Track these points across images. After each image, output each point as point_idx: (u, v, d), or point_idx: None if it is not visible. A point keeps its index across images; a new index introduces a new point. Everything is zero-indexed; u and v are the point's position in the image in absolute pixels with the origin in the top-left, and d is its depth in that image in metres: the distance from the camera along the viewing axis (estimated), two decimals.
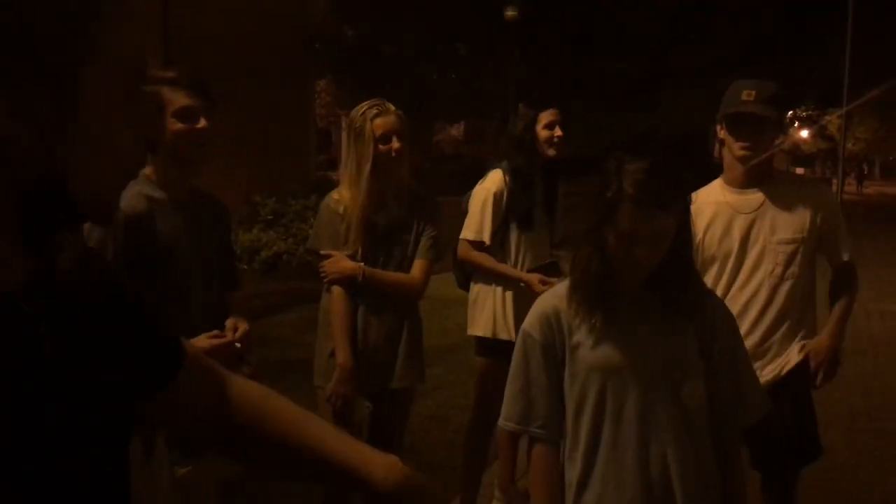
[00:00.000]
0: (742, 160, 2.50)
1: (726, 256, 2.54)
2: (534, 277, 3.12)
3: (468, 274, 3.38)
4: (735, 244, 2.52)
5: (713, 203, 2.57)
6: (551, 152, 3.23)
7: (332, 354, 2.70)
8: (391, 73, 13.55)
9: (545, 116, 3.22)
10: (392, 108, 2.75)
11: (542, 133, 3.22)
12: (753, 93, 2.46)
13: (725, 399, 1.75)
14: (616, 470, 1.71)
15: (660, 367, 1.69)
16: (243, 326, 2.23)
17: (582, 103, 13.05)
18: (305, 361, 2.68)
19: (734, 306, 2.49)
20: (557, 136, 3.21)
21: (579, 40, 13.55)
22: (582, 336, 1.72)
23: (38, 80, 0.67)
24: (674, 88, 14.66)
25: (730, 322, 1.83)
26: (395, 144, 2.69)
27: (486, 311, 3.24)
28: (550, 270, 3.19)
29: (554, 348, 1.75)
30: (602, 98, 14.17)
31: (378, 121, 2.70)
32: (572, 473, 1.76)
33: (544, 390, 1.76)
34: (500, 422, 1.83)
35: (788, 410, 2.52)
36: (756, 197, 2.53)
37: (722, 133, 2.55)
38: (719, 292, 2.51)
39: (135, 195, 2.14)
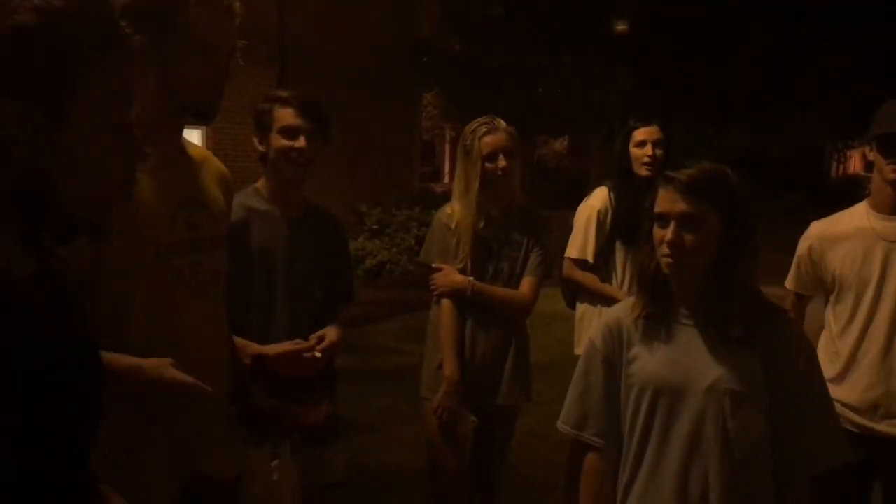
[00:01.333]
0: (894, 184, 2.34)
1: (864, 285, 2.38)
2: None
3: (574, 292, 3.35)
4: (875, 273, 2.36)
5: (855, 228, 2.42)
6: (644, 172, 3.09)
7: (440, 367, 2.73)
8: (497, 87, 13.61)
9: (639, 134, 3.11)
10: (502, 125, 2.76)
11: (634, 151, 3.12)
12: None
13: (790, 438, 1.65)
14: (655, 488, 1.68)
15: (710, 392, 1.63)
16: (331, 337, 2.22)
17: (691, 118, 12.72)
18: (406, 369, 2.74)
19: (875, 343, 2.36)
20: (648, 156, 3.07)
21: (689, 53, 13.23)
22: (639, 349, 1.72)
23: (37, 95, 0.82)
24: (788, 103, 14.07)
25: (805, 353, 1.71)
26: (502, 163, 2.71)
27: (591, 331, 3.19)
28: None
29: (614, 359, 1.76)
30: (713, 113, 13.77)
31: (486, 139, 2.72)
32: (620, 483, 1.76)
33: (601, 399, 1.77)
34: (558, 424, 1.85)
35: None
36: None
37: (871, 154, 2.38)
38: (858, 324, 2.38)
39: (234, 206, 2.18)
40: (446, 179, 20.57)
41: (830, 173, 23.45)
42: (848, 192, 2.79)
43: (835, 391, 2.38)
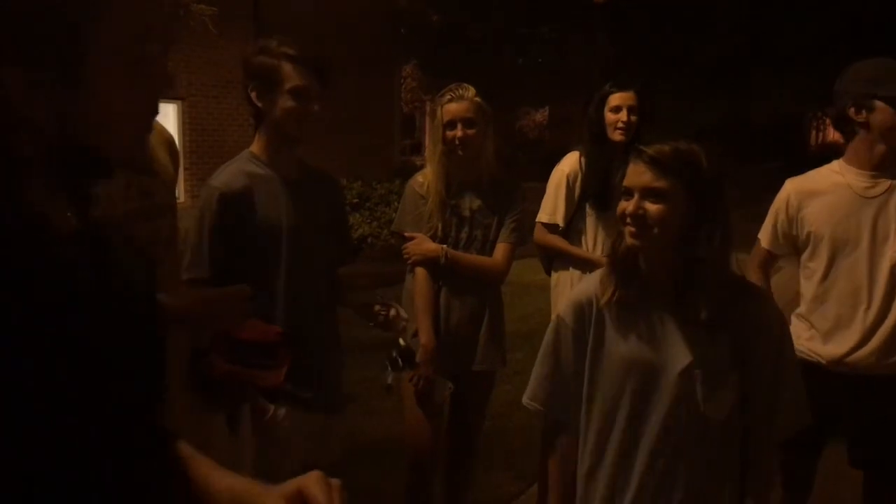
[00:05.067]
0: None
1: (842, 241, 2.38)
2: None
3: (551, 259, 3.35)
4: (853, 228, 2.36)
5: (832, 184, 2.42)
6: (617, 136, 3.06)
7: (415, 335, 2.73)
8: (475, 58, 13.51)
9: (614, 99, 3.08)
10: (469, 94, 2.73)
11: (608, 116, 3.09)
12: None
13: (762, 408, 1.68)
14: (625, 469, 1.70)
15: (683, 372, 1.64)
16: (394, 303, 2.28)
17: (670, 86, 12.71)
18: (385, 340, 2.73)
19: (860, 301, 2.36)
20: (622, 122, 3.04)
21: (669, 20, 13.17)
22: (610, 330, 1.72)
23: (47, 53, 0.78)
24: (767, 70, 14.07)
25: (776, 327, 1.72)
26: (458, 133, 2.69)
27: (565, 296, 3.19)
28: None
29: (584, 336, 1.75)
30: (691, 80, 13.75)
31: (448, 106, 2.72)
32: (582, 463, 1.77)
33: (571, 376, 1.77)
34: (525, 400, 1.85)
35: None
36: (884, 182, 2.37)
37: (864, 116, 2.34)
38: (839, 281, 2.38)
39: (232, 172, 2.17)
40: (425, 154, 20.45)
41: (809, 141, 23.54)
42: (827, 160, 2.76)
43: (821, 349, 2.41)
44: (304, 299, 2.18)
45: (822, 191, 2.42)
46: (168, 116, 10.54)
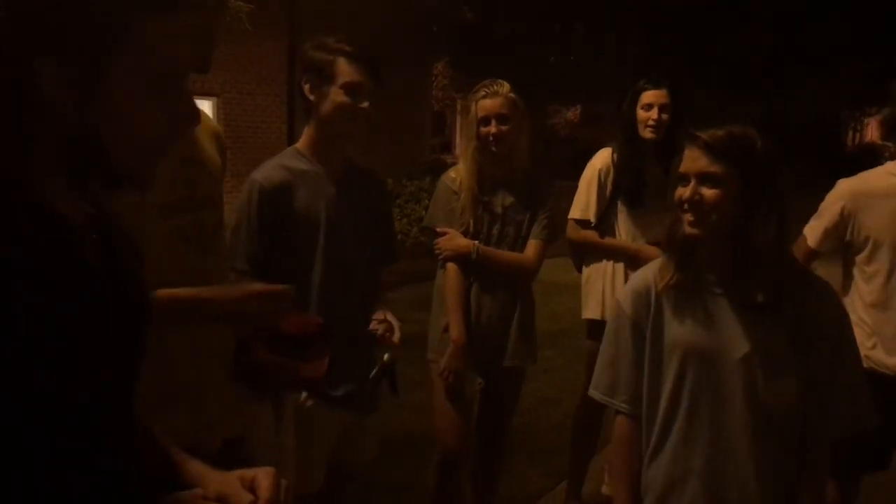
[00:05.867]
0: None
1: None
2: (653, 250, 2.91)
3: (582, 257, 3.34)
4: None
5: (891, 186, 2.36)
6: (647, 134, 3.05)
7: (446, 329, 2.74)
8: (507, 56, 13.45)
9: (646, 97, 3.07)
10: (504, 90, 2.73)
11: (640, 113, 3.08)
12: None
13: (818, 403, 1.65)
14: (685, 456, 1.69)
15: (743, 358, 1.62)
16: (394, 321, 2.27)
17: (703, 84, 12.56)
18: (414, 336, 2.75)
19: None
20: (653, 120, 3.03)
21: (701, 19, 13.02)
22: (668, 316, 1.71)
23: (79, 59, 0.83)
24: (803, 70, 13.84)
25: (835, 318, 1.69)
26: (493, 129, 2.69)
27: (596, 293, 3.19)
28: None
29: (642, 324, 1.74)
30: (726, 80, 13.58)
31: (483, 102, 2.72)
32: (645, 450, 1.76)
33: (632, 365, 1.76)
34: (590, 390, 1.86)
35: None
36: None
37: None
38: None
39: (273, 166, 2.19)
40: (457, 150, 20.44)
41: (846, 142, 23.14)
42: (864, 162, 2.73)
43: (887, 360, 2.37)
44: (339, 296, 2.20)
45: (881, 193, 2.37)
46: (205, 113, 10.66)
